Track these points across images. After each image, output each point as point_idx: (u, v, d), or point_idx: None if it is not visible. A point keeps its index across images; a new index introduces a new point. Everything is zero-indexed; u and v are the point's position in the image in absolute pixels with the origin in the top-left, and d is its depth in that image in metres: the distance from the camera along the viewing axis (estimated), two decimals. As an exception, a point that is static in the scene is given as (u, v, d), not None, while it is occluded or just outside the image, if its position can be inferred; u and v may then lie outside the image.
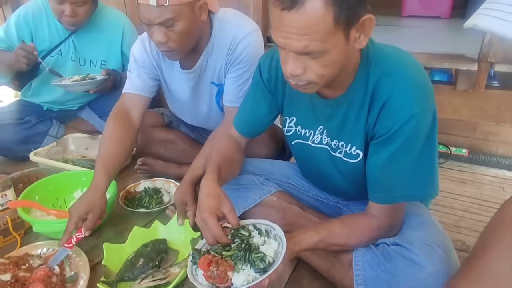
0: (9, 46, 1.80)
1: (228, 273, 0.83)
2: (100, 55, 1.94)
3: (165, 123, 1.70)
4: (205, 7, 1.22)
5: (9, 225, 1.29)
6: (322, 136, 1.06)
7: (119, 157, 1.29)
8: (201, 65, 1.38)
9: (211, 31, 1.33)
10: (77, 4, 1.70)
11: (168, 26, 1.16)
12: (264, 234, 0.92)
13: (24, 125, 1.88)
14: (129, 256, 1.16)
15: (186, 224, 1.27)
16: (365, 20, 0.79)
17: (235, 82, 1.35)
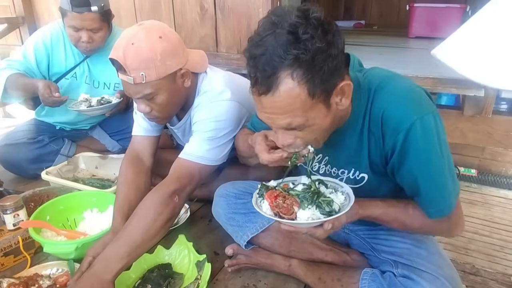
0: (27, 68, 1.85)
1: (294, 207, 0.89)
2: (114, 78, 1.97)
3: (174, 145, 1.74)
4: (187, 75, 1.23)
5: (20, 244, 1.31)
6: (320, 165, 1.08)
7: (135, 200, 1.27)
8: (184, 124, 1.42)
9: (196, 90, 1.31)
10: (93, 31, 1.76)
11: (149, 99, 1.18)
12: (331, 187, 0.96)
13: (37, 144, 1.93)
14: (136, 283, 1.18)
15: (190, 247, 1.28)
16: (343, 86, 0.82)
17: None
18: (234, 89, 1.30)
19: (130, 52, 1.09)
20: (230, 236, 1.31)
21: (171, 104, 1.23)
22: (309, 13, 0.75)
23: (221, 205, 1.26)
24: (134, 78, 1.11)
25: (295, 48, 0.73)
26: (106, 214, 1.50)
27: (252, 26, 2.12)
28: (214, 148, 1.24)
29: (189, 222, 1.55)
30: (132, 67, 1.10)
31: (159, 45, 1.12)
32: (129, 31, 1.13)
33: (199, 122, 1.25)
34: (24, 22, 2.91)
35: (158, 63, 1.11)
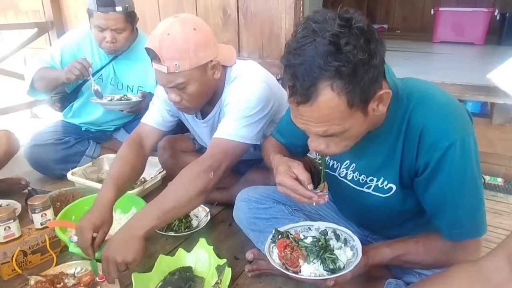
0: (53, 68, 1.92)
1: (299, 260, 0.95)
2: (137, 81, 2.04)
3: (196, 149, 1.75)
4: (218, 66, 1.26)
5: (47, 243, 1.35)
6: (348, 172, 1.06)
7: (129, 177, 1.33)
8: (213, 117, 1.43)
9: (223, 84, 1.35)
10: (117, 31, 1.81)
11: (180, 88, 1.22)
12: (342, 241, 1.00)
13: (63, 145, 1.99)
14: (157, 285, 1.18)
15: (210, 251, 1.29)
16: (382, 94, 0.81)
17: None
18: (264, 74, 1.34)
19: (165, 42, 1.13)
20: (251, 241, 1.31)
21: (201, 94, 1.26)
22: (352, 22, 0.73)
23: (243, 209, 1.27)
24: (168, 67, 1.14)
25: (336, 59, 0.72)
26: (129, 216, 1.53)
27: (275, 31, 2.13)
28: (246, 125, 1.25)
29: (210, 226, 1.55)
30: (166, 56, 1.14)
31: (193, 36, 1.15)
32: (165, 23, 1.17)
33: (231, 102, 1.28)
34: (53, 27, 3.01)
35: (191, 54, 1.15)
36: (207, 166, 1.17)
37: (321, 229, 1.08)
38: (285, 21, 2.04)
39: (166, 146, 1.71)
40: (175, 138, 1.75)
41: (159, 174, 1.87)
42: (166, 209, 1.10)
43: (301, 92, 0.76)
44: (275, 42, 2.14)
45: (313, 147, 0.88)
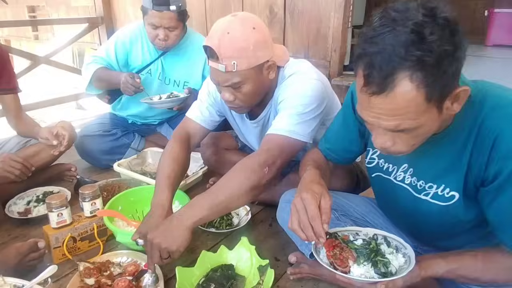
0: (108, 64, 2.01)
1: (349, 261, 0.92)
2: (183, 76, 2.08)
3: (239, 147, 1.75)
4: (273, 67, 1.26)
5: (95, 231, 1.40)
6: (406, 175, 1.01)
7: (180, 179, 1.36)
8: (264, 117, 1.42)
9: (276, 84, 1.34)
10: (169, 29, 1.85)
11: (235, 87, 1.21)
12: (393, 247, 0.97)
13: (111, 136, 2.07)
14: (200, 280, 1.19)
15: (252, 251, 1.28)
16: (459, 92, 0.76)
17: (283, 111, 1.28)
18: (318, 72, 1.32)
19: (225, 41, 1.13)
20: (292, 243, 1.28)
21: (255, 94, 1.26)
22: (437, 12, 0.70)
23: (287, 211, 1.23)
24: (226, 66, 1.15)
25: (418, 49, 0.68)
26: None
27: (322, 31, 2.09)
28: (301, 122, 1.23)
29: (250, 225, 1.55)
30: (225, 55, 1.14)
31: (252, 35, 1.15)
32: (224, 21, 1.17)
33: (287, 98, 1.26)
34: (102, 22, 3.13)
35: (250, 53, 1.15)
36: (262, 161, 1.15)
37: (370, 235, 1.04)
38: (334, 21, 2.00)
39: (210, 143, 1.72)
40: (219, 135, 1.76)
41: (200, 170, 1.89)
42: (217, 201, 1.09)
43: (377, 82, 0.72)
44: (322, 42, 2.10)
45: (379, 144, 0.83)
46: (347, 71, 2.20)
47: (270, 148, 1.20)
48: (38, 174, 1.79)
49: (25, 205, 1.64)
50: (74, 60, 5.37)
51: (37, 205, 1.64)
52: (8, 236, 1.48)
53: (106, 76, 1.95)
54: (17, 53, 2.70)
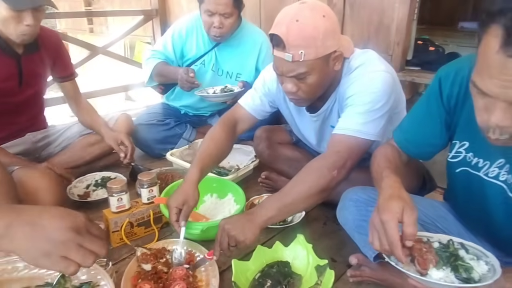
0: (166, 56, 2.05)
1: (430, 264, 0.83)
2: (236, 68, 2.07)
3: (293, 141, 1.71)
4: (340, 57, 1.20)
5: (151, 218, 1.41)
6: (501, 171, 0.91)
7: (216, 159, 1.37)
8: (326, 110, 1.36)
9: (340, 76, 1.28)
10: (225, 16, 1.85)
11: (300, 78, 1.16)
12: (472, 254, 0.87)
13: (164, 126, 2.10)
14: (255, 275, 1.17)
15: (309, 249, 1.23)
16: None
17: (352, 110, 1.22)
18: (386, 63, 1.25)
19: (293, 29, 1.08)
20: (349, 243, 1.23)
21: (319, 86, 1.21)
22: None
23: (350, 210, 1.18)
24: (293, 55, 1.10)
25: None
26: (225, 201, 1.54)
27: (385, 22, 1.98)
28: (370, 121, 1.17)
29: (304, 222, 1.50)
30: (293, 44, 1.09)
31: (323, 24, 1.10)
32: (292, 9, 1.13)
33: (354, 95, 1.20)
34: (157, 15, 3.18)
35: (319, 43, 1.10)
36: (331, 163, 1.12)
37: (443, 242, 0.95)
38: (398, 12, 1.88)
39: (263, 136, 1.69)
40: (273, 129, 1.72)
41: (251, 163, 1.86)
42: (286, 202, 1.11)
43: None
44: (384, 34, 1.99)
45: (496, 121, 0.71)
46: (410, 66, 2.07)
47: (339, 150, 1.16)
48: (97, 161, 1.87)
49: (85, 188, 1.70)
50: (125, 53, 5.58)
51: (95, 189, 1.69)
52: (69, 217, 1.53)
53: (164, 72, 2.00)
54: (77, 42, 2.82)
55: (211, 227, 1.30)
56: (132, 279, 1.14)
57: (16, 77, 1.60)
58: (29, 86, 1.67)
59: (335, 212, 1.54)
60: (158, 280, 1.13)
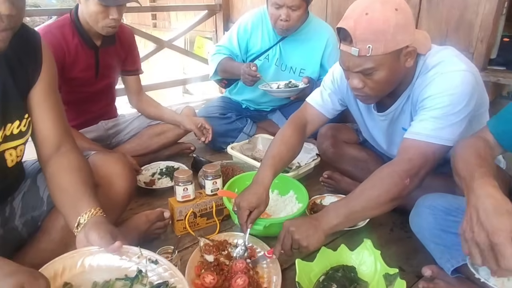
0: (231, 51, 2.07)
1: None
2: (300, 63, 2.03)
3: (359, 141, 1.63)
4: (413, 53, 1.10)
5: (214, 210, 1.43)
6: None
7: (286, 162, 1.35)
8: (395, 110, 1.27)
9: (413, 74, 1.18)
10: (292, 8, 1.81)
11: (366, 74, 1.10)
12: None
13: (226, 120, 2.12)
14: (319, 277, 1.13)
15: (377, 256, 1.16)
16: None
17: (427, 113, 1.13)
18: (467, 61, 1.14)
19: (362, 23, 1.03)
20: (420, 252, 1.17)
21: (387, 83, 1.13)
22: None
23: (426, 217, 1.10)
24: (360, 50, 1.05)
25: None
26: (286, 198, 1.51)
27: (467, 17, 1.82)
28: (448, 126, 1.08)
29: (369, 227, 1.42)
30: (360, 38, 1.04)
31: (394, 17, 1.03)
32: (364, 2, 1.06)
33: (430, 97, 1.11)
34: (220, 10, 3.23)
35: (389, 37, 1.03)
36: (404, 171, 1.06)
37: None
38: (485, 6, 1.72)
39: (328, 134, 1.63)
40: (338, 127, 1.66)
41: (312, 162, 1.82)
42: (354, 210, 1.08)
43: None
44: (465, 30, 1.83)
45: None
46: (493, 65, 1.89)
47: (411, 157, 1.08)
48: (163, 150, 1.94)
49: (150, 176, 1.76)
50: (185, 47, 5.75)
51: (160, 177, 1.75)
52: (135, 203, 1.60)
53: (228, 67, 2.02)
54: (145, 36, 2.93)
55: (274, 224, 1.28)
56: (195, 269, 1.15)
57: (93, 68, 1.70)
58: (104, 77, 1.76)
59: (403, 218, 1.46)
60: (220, 272, 1.14)
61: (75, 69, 1.62)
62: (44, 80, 1.04)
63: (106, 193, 1.14)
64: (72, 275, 0.79)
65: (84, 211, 0.90)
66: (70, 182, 0.98)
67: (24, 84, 1.01)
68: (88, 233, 0.86)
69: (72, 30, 1.59)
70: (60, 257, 0.81)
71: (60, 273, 0.78)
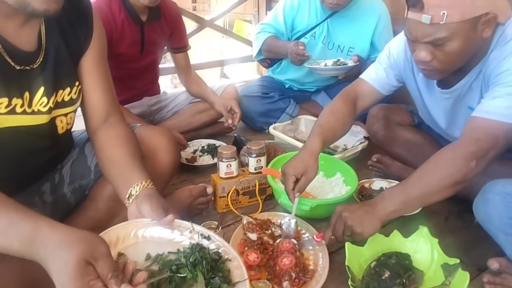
0: (276, 30, 1.99)
1: None
2: (349, 42, 1.92)
3: (414, 123, 1.52)
4: (492, 22, 0.97)
5: (257, 188, 1.39)
6: None
7: (336, 134, 1.26)
8: (463, 87, 1.14)
9: (489, 46, 1.05)
10: None
11: (437, 45, 0.98)
12: None
13: (268, 99, 2.06)
14: (370, 263, 1.06)
15: (434, 244, 1.08)
16: None
17: None
18: None
19: None
20: (482, 243, 1.09)
21: (460, 55, 1.02)
22: None
23: (496, 205, 0.99)
24: (432, 17, 0.94)
25: None
26: (332, 180, 1.44)
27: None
28: None
29: (422, 214, 1.32)
30: (434, 3, 0.94)
31: None
32: None
33: (508, 72, 0.99)
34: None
35: (467, 1, 0.93)
36: (469, 153, 0.95)
37: None
38: None
39: (380, 115, 1.53)
40: (391, 108, 1.55)
41: (359, 145, 1.72)
42: (411, 196, 0.99)
43: None
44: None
45: None
46: None
47: (479, 137, 0.97)
48: (204, 128, 1.92)
49: (192, 153, 1.75)
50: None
51: (202, 155, 1.74)
52: (177, 179, 1.59)
53: (273, 47, 1.95)
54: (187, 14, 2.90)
55: (321, 205, 1.22)
56: (239, 246, 1.12)
57: (139, 44, 1.69)
58: (149, 53, 1.75)
59: (460, 207, 1.36)
60: (264, 251, 1.10)
61: (121, 45, 1.62)
62: (95, 48, 1.03)
63: (151, 166, 1.12)
64: (126, 246, 0.78)
65: (135, 182, 0.89)
66: (119, 154, 0.97)
67: (76, 50, 1.00)
68: (141, 205, 0.85)
69: (119, 5, 1.58)
70: (114, 227, 0.80)
71: (114, 242, 0.76)
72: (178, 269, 0.74)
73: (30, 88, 0.90)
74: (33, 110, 0.91)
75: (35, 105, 0.91)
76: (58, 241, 0.62)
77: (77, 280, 0.59)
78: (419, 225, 1.14)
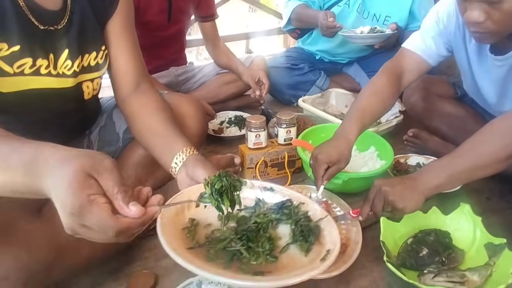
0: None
1: None
2: (386, 10, 1.81)
3: (457, 96, 1.41)
4: None
5: (286, 160, 1.34)
6: None
7: (376, 116, 1.18)
8: None
9: None
10: None
11: (493, 3, 0.87)
12: None
13: (297, 71, 1.98)
14: (407, 239, 1.01)
15: (477, 222, 1.01)
16: None
17: None
18: None
19: None
20: None
21: None
22: None
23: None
24: None
25: None
26: (366, 154, 1.38)
27: None
28: None
29: (462, 191, 1.24)
30: None
31: None
32: None
33: None
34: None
35: None
36: None
37: None
38: None
39: (420, 86, 1.42)
40: (431, 79, 1.44)
41: (394, 119, 1.63)
42: (459, 169, 0.90)
43: None
44: None
45: None
46: None
47: None
48: (231, 100, 1.88)
49: (219, 124, 1.72)
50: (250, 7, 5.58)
51: (229, 126, 1.71)
52: (204, 150, 1.57)
53: (303, 16, 1.87)
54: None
55: (354, 179, 1.17)
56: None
57: (166, 12, 1.64)
58: (176, 22, 1.71)
59: (503, 186, 1.27)
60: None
61: (148, 12, 1.58)
62: (121, 12, 1.00)
63: (180, 133, 1.10)
64: (195, 211, 0.75)
65: (179, 150, 0.88)
66: (157, 122, 0.95)
67: (102, 14, 0.96)
68: (194, 171, 0.83)
69: None
70: (185, 190, 0.76)
71: (186, 208, 0.74)
72: None
73: (55, 50, 0.88)
74: (58, 73, 0.89)
75: (59, 67, 0.89)
76: (59, 157, 0.53)
77: (74, 195, 0.49)
78: (460, 203, 1.07)
